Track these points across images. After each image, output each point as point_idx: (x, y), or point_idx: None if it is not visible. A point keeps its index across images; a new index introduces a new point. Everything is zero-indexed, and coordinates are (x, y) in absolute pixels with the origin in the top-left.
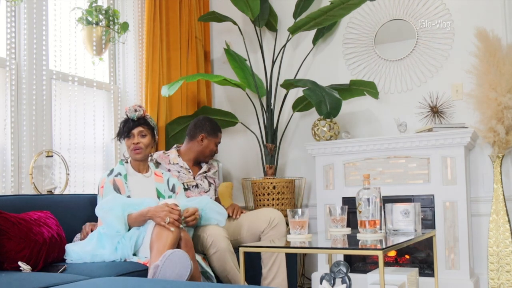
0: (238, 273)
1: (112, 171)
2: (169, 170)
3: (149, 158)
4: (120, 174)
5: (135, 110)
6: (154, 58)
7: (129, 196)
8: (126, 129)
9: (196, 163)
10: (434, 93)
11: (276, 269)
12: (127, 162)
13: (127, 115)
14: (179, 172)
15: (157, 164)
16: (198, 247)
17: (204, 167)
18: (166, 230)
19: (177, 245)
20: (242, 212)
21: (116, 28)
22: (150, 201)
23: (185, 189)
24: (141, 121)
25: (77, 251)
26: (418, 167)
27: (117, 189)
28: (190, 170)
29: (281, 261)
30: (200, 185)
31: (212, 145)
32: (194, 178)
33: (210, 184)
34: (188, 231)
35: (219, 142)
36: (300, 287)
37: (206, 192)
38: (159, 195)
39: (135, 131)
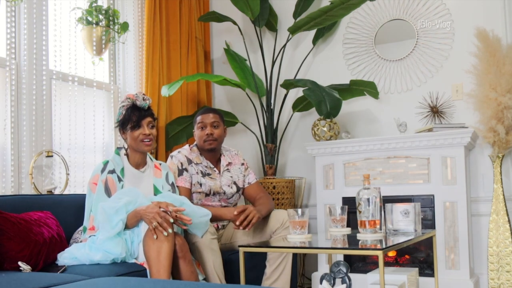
0: (217, 277)
1: (106, 164)
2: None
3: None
4: (114, 171)
5: (144, 99)
6: (154, 58)
7: None
8: (136, 118)
9: (213, 158)
10: (434, 93)
11: (281, 270)
12: (126, 154)
13: (133, 103)
14: (203, 173)
15: (189, 161)
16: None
17: (223, 160)
18: (157, 242)
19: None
20: (252, 224)
21: (116, 28)
22: (142, 199)
23: (206, 195)
24: (150, 111)
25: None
26: (418, 167)
27: (108, 191)
28: (215, 169)
29: (287, 263)
30: (225, 192)
31: (197, 132)
32: (220, 174)
33: (238, 189)
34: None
35: (202, 123)
36: (300, 287)
37: (229, 198)
38: (156, 192)
39: (145, 121)
